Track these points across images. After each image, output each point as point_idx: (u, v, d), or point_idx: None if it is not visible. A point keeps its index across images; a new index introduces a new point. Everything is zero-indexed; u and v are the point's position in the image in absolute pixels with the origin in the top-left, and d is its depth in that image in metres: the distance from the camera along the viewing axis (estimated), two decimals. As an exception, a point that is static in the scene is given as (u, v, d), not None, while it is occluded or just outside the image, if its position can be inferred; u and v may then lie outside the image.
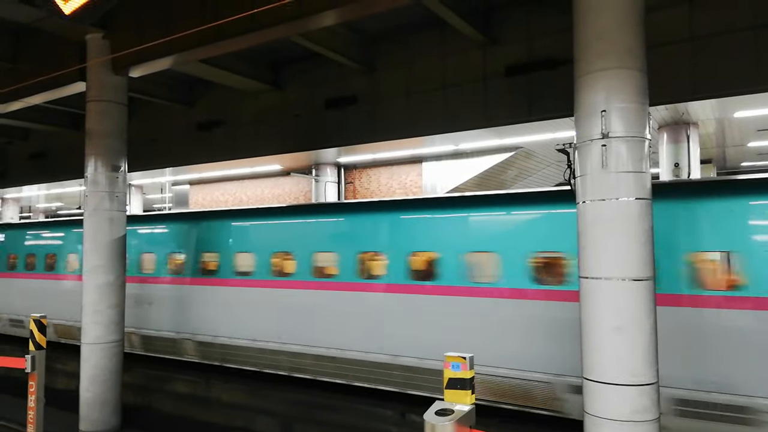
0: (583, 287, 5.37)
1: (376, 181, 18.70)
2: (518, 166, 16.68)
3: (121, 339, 8.79)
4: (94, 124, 8.82)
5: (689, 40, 7.80)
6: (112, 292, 8.67)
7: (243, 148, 12.90)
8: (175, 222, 12.11)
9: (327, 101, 11.37)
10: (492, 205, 8.38)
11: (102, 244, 8.64)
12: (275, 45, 10.19)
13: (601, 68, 5.24)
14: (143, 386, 10.62)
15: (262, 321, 10.12)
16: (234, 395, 9.73)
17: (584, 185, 5.38)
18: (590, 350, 5.25)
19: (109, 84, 8.86)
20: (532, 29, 9.02)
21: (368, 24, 9.90)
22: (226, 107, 13.06)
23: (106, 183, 8.72)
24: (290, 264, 10.02)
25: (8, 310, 15.18)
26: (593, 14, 5.34)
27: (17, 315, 14.84)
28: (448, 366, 4.53)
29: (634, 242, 5.11)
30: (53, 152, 17.33)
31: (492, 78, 9.45)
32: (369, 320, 8.95)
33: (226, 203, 22.00)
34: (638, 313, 5.06)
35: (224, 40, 7.66)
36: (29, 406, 7.16)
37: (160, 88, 12.80)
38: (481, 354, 7.39)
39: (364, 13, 6.94)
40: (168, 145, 14.30)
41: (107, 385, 8.56)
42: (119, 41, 8.68)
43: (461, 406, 4.30)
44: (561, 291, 7.39)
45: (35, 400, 7.15)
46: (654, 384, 5.07)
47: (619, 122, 5.17)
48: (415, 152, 16.46)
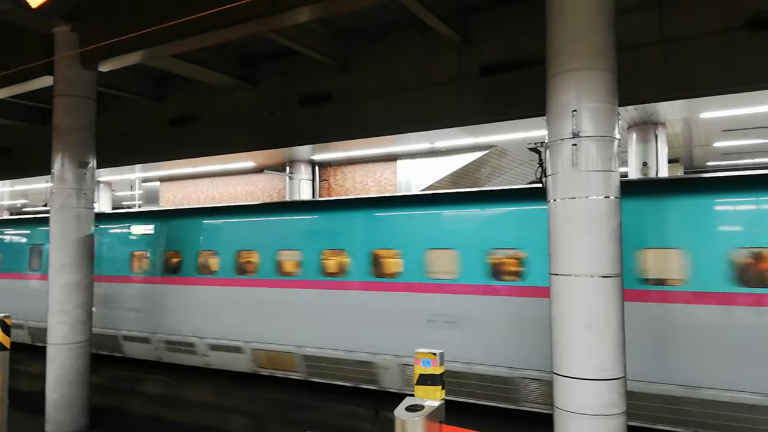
0: (553, 284, 5.45)
1: (350, 178, 18.69)
2: (492, 164, 16.86)
3: (88, 339, 8.61)
4: (62, 119, 8.61)
5: (659, 43, 7.97)
6: (79, 291, 8.48)
7: (215, 145, 12.73)
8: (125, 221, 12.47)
9: (301, 98, 11.30)
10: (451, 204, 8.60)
11: (69, 242, 8.44)
12: (249, 40, 10.09)
13: (572, 69, 5.33)
14: (112, 387, 10.44)
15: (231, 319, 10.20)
16: (204, 395, 9.63)
17: (555, 184, 5.46)
18: (560, 346, 5.34)
19: (78, 78, 8.65)
20: (507, 30, 9.10)
21: (344, 21, 9.87)
22: (199, 103, 12.87)
23: (73, 180, 8.51)
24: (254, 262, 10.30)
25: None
26: (565, 16, 5.42)
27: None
28: (418, 362, 4.59)
29: (603, 239, 5.21)
30: (18, 148, 16.85)
31: (467, 77, 9.51)
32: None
33: (198, 200, 21.72)
34: (607, 309, 5.17)
35: (196, 35, 7.54)
36: (-7, 409, 6.96)
37: (131, 83, 12.54)
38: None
39: (338, 9, 6.91)
40: (138, 141, 14.03)
41: (74, 386, 8.37)
42: (88, 35, 8.48)
43: (431, 402, 4.34)
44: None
45: None
46: (621, 378, 5.18)
47: (589, 122, 5.27)
48: (390, 150, 16.51)
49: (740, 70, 7.50)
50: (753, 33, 7.41)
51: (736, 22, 7.51)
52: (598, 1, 5.33)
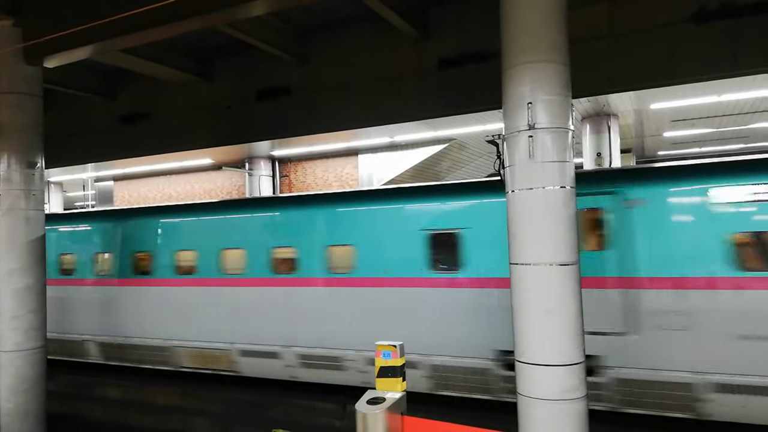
0: (513, 273, 5.56)
1: (311, 174, 18.55)
2: (452, 157, 17.02)
3: (43, 345, 8.31)
4: (6, 117, 8.25)
5: (608, 36, 8.19)
6: (31, 296, 8.17)
7: (170, 142, 12.42)
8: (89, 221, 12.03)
9: (259, 93, 11.13)
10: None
11: (18, 245, 8.11)
12: (203, 34, 9.87)
13: (526, 61, 5.42)
14: (70, 394, 10.12)
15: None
16: (168, 398, 9.44)
17: (513, 175, 5.56)
18: (521, 333, 5.46)
19: (21, 74, 8.29)
20: (464, 24, 9.18)
21: (300, 15, 9.76)
22: (151, 99, 12.52)
23: (20, 180, 8.18)
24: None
25: None
26: (519, 10, 5.50)
27: None
28: (379, 354, 4.60)
29: (560, 228, 5.33)
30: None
31: (425, 72, 9.55)
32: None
33: (153, 199, 21.19)
34: (565, 296, 5.30)
35: (145, 29, 7.32)
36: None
37: (79, 80, 12.11)
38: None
39: (294, 3, 6.85)
40: (89, 140, 13.56)
41: (29, 395, 8.08)
42: (32, 29, 8.13)
43: (392, 394, 4.37)
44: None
45: (-53, 415, 6.66)
46: (581, 363, 5.33)
47: (544, 114, 5.37)
48: (350, 144, 16.45)
49: (685, 62, 7.78)
50: (698, 25, 7.69)
51: (682, 15, 7.78)
52: (551, -5, 5.42)
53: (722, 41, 7.56)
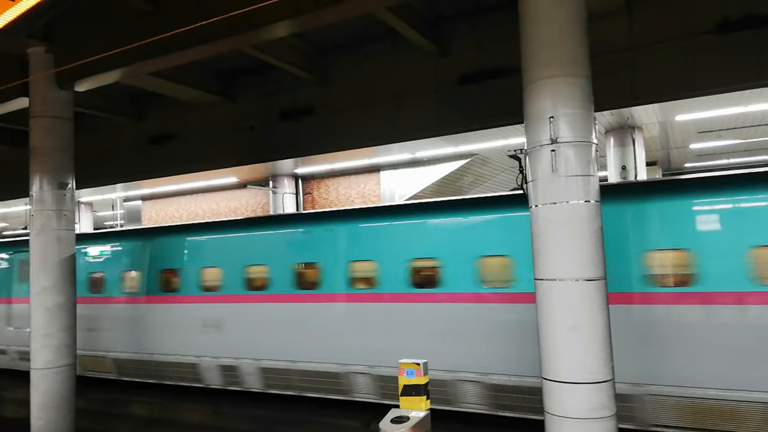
0: (538, 289, 5.49)
1: (334, 191, 18.66)
2: (474, 172, 16.96)
3: (73, 363, 8.46)
4: (39, 140, 8.51)
5: (629, 49, 8.14)
6: (62, 314, 8.35)
7: (196, 162, 12.67)
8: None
9: (282, 112, 11.31)
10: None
11: (50, 264, 8.31)
12: (227, 56, 10.08)
13: (547, 76, 5.41)
14: (99, 411, 10.24)
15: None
16: (196, 415, 9.50)
17: (536, 189, 5.52)
18: (547, 350, 5.37)
19: (54, 99, 8.57)
20: (483, 39, 9.22)
21: (321, 35, 9.92)
22: (178, 120, 12.81)
23: (52, 201, 8.41)
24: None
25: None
26: (538, 25, 5.51)
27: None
28: (402, 373, 4.54)
29: (585, 243, 5.26)
30: (-6, 171, 16.59)
31: (444, 87, 9.60)
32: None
33: (180, 218, 21.52)
34: (592, 312, 5.21)
35: (172, 52, 7.54)
36: (-26, 438, 6.81)
37: (109, 102, 12.45)
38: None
39: (314, 24, 6.96)
40: (118, 161, 13.90)
41: (60, 412, 8.21)
42: (63, 55, 8.42)
43: (417, 413, 4.32)
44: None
45: (-19, 432, 6.80)
46: (610, 381, 5.22)
47: (566, 128, 5.34)
48: (372, 161, 16.52)
49: (709, 73, 7.69)
50: (721, 36, 7.60)
51: (704, 26, 7.70)
52: (570, 9, 5.42)
53: (746, 51, 7.45)
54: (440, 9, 9.12)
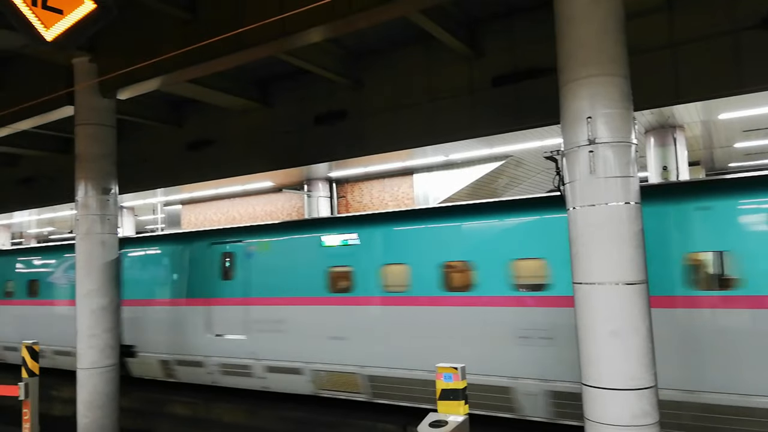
0: (577, 293, 5.39)
1: (368, 194, 18.74)
2: (509, 174, 16.78)
3: (116, 363, 8.71)
4: (84, 147, 8.81)
5: (670, 46, 7.92)
6: (106, 315, 8.61)
7: (233, 166, 12.91)
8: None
9: (316, 117, 11.42)
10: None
11: (95, 268, 8.59)
12: (262, 63, 10.25)
13: (584, 76, 5.31)
14: (141, 410, 10.51)
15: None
16: (233, 415, 9.65)
17: (573, 191, 5.42)
18: (587, 356, 5.26)
19: (98, 107, 8.87)
20: (517, 40, 9.13)
21: (355, 40, 9.99)
22: (215, 126, 13.08)
23: (97, 206, 8.69)
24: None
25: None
26: (574, 24, 5.42)
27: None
28: (440, 377, 4.53)
29: (626, 246, 5.14)
30: (43, 177, 17.26)
31: (478, 89, 9.54)
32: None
33: (218, 222, 21.95)
34: (633, 317, 5.08)
35: (210, 60, 7.71)
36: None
37: (149, 110, 12.81)
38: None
39: (348, 29, 7.00)
40: (158, 166, 14.28)
41: (105, 411, 8.47)
42: (106, 64, 8.70)
43: (455, 417, 4.30)
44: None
45: (30, 428, 7.07)
46: (652, 387, 5.08)
47: (604, 128, 5.23)
48: (406, 164, 16.53)
49: (753, 70, 7.43)
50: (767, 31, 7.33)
51: (749, 21, 7.44)
52: (607, 8, 5.32)
53: (796, 46, 7.18)
54: (474, 11, 9.06)
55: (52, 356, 13.16)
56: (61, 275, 13.32)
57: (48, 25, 4.72)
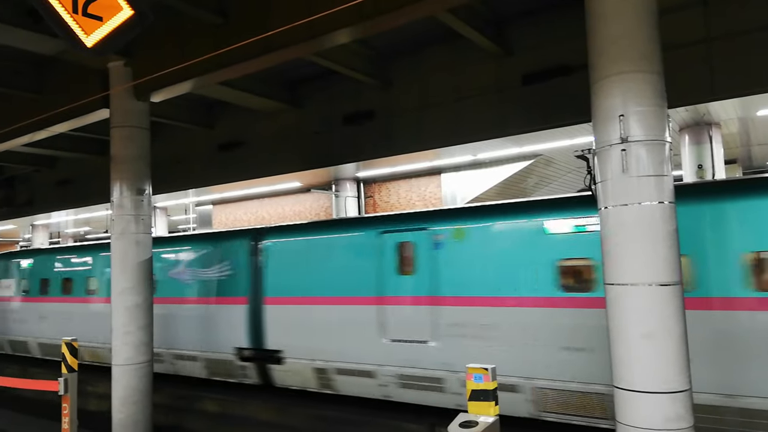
0: (608, 294, 5.30)
1: (395, 194, 18.75)
2: (538, 173, 16.59)
3: (150, 359, 8.91)
4: (119, 149, 9.03)
5: (705, 41, 7.73)
6: (140, 313, 8.81)
7: (264, 167, 13.07)
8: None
9: (345, 117, 11.48)
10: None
11: (130, 266, 8.79)
12: (291, 64, 10.35)
13: (616, 73, 5.23)
14: (173, 406, 10.72)
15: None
16: (263, 413, 9.77)
17: (605, 191, 5.34)
18: (619, 358, 5.18)
19: (132, 110, 9.08)
20: (547, 37, 9.02)
21: (382, 40, 10.01)
22: (246, 127, 13.27)
23: (131, 206, 8.89)
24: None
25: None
26: (606, 20, 5.33)
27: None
28: (470, 377, 4.53)
29: (660, 246, 5.04)
30: (79, 178, 17.76)
31: (507, 87, 9.46)
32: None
33: (248, 222, 22.24)
34: (667, 319, 4.98)
35: (240, 62, 7.82)
36: (63, 428, 7.29)
37: (181, 112, 13.06)
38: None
39: (376, 29, 7.03)
40: (190, 167, 14.55)
41: (138, 406, 8.67)
42: (140, 68, 8.90)
43: (485, 418, 4.29)
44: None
45: (69, 422, 7.28)
46: (687, 391, 4.96)
47: (637, 126, 5.14)
48: (433, 164, 16.48)
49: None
50: (810, 24, 7.09)
51: (790, 14, 7.21)
52: (639, 4, 5.22)
53: (840, 39, 6.92)
54: (502, 9, 8.99)
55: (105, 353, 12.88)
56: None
57: (88, 32, 4.88)
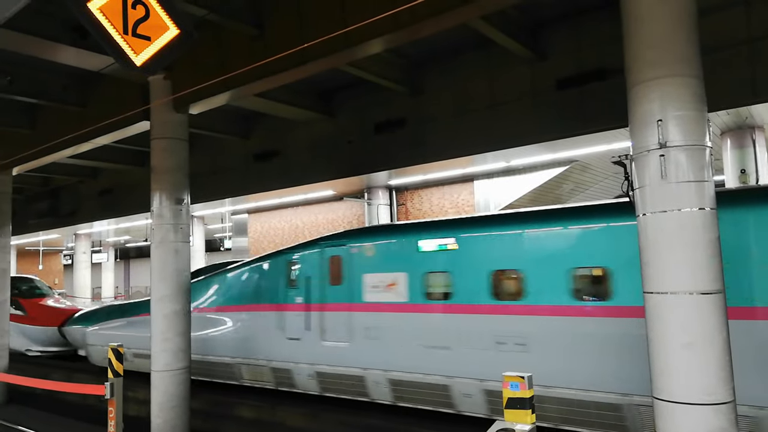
0: (648, 303, 5.19)
1: (427, 201, 18.74)
2: (574, 179, 16.35)
3: (188, 366, 9.09)
4: (159, 160, 9.29)
5: (747, 42, 7.52)
6: (179, 320, 9.01)
7: (298, 176, 13.26)
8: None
9: (376, 125, 11.56)
10: None
11: (169, 274, 9.00)
12: (325, 75, 10.49)
13: (654, 77, 5.13)
14: (210, 412, 10.90)
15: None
16: (295, 419, 9.85)
17: (643, 197, 5.24)
18: (659, 369, 5.05)
19: (171, 122, 9.32)
20: (581, 41, 8.92)
21: (413, 48, 10.06)
22: (280, 137, 13.49)
23: (170, 216, 9.11)
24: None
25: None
26: (643, 23, 5.25)
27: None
28: (506, 386, 4.52)
29: (700, 254, 4.91)
30: (120, 189, 18.32)
31: (541, 93, 9.38)
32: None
33: (282, 230, 22.54)
34: (709, 328, 4.84)
35: (276, 74, 7.96)
36: (109, 431, 7.50)
37: (218, 123, 13.37)
38: None
39: (409, 38, 7.07)
40: (227, 177, 14.86)
41: (176, 412, 8.84)
42: (179, 81, 9.16)
43: (522, 426, 4.27)
44: None
45: (115, 425, 7.48)
46: (730, 403, 4.81)
47: (676, 131, 5.03)
48: (466, 171, 16.42)
49: None
50: None
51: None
52: (678, 5, 5.13)
53: None
54: (535, 14, 8.94)
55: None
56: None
57: (137, 51, 5.11)
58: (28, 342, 16.63)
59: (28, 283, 18.59)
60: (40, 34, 8.11)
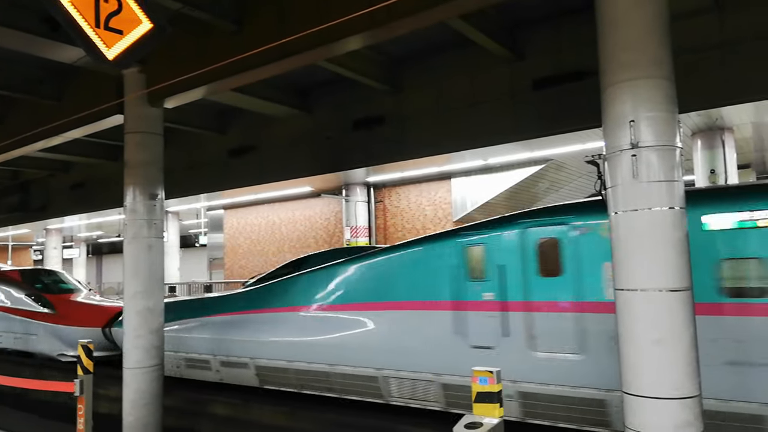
0: (618, 300, 5.29)
1: (405, 198, 18.79)
2: (549, 178, 16.57)
3: (160, 363, 8.98)
4: (132, 154, 9.13)
5: (718, 46, 7.70)
6: (152, 317, 8.88)
7: (275, 172, 13.17)
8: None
9: (354, 122, 11.55)
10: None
11: (141, 270, 8.87)
12: (303, 71, 10.43)
13: (627, 78, 5.23)
14: (184, 409, 10.77)
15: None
16: (272, 417, 9.80)
17: (616, 196, 5.34)
18: (629, 364, 5.16)
19: (146, 116, 9.17)
20: (558, 42, 9.04)
21: (393, 46, 10.07)
22: (257, 133, 13.38)
23: (144, 211, 8.97)
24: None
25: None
26: (618, 26, 5.34)
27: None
28: (475, 380, 4.60)
29: (670, 252, 5.03)
30: (93, 183, 17.98)
31: (519, 92, 9.47)
32: None
33: (259, 226, 22.38)
34: (677, 325, 4.96)
35: (254, 69, 7.89)
36: (78, 429, 7.37)
37: (194, 117, 13.20)
38: None
39: (387, 36, 7.08)
40: (202, 172, 14.68)
41: (149, 409, 8.73)
42: (154, 74, 9.01)
43: (490, 420, 4.34)
44: None
45: (84, 422, 7.36)
46: (696, 397, 4.94)
47: (648, 131, 5.13)
48: (443, 168, 16.52)
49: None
50: (823, 29, 7.05)
51: (804, 19, 7.18)
52: (652, 10, 5.23)
53: None
54: (514, 14, 9.02)
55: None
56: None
57: (109, 45, 5.02)
58: (60, 345, 13.17)
59: (51, 276, 15.23)
60: (14, 25, 7.91)
